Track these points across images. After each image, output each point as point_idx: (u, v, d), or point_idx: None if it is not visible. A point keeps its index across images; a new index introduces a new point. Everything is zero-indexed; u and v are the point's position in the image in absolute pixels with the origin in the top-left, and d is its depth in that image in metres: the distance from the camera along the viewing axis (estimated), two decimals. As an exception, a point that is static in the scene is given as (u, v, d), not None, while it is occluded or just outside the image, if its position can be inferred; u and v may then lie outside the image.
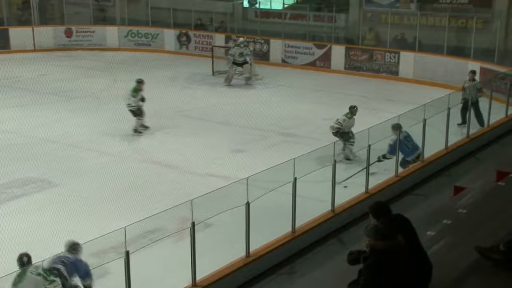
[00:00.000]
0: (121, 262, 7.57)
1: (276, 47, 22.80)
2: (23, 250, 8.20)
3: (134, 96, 14.64)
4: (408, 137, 11.56)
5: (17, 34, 24.41)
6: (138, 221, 8.00)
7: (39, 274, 7.21)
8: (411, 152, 11.63)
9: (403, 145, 11.40)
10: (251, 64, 19.98)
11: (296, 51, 22.49)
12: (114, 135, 14.62)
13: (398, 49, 20.75)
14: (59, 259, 7.64)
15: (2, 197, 11.19)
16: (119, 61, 22.66)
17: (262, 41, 23.04)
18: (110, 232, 7.44)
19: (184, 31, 24.77)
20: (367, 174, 10.77)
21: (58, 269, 7.53)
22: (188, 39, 24.70)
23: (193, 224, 7.72)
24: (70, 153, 13.58)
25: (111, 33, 25.34)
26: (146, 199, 10.68)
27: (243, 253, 8.59)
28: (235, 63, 19.73)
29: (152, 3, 25.79)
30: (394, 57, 20.69)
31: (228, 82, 19.76)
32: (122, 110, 16.15)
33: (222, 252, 8.87)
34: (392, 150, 11.44)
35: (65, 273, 7.59)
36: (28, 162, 12.77)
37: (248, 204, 8.39)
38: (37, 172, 12.21)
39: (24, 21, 25.57)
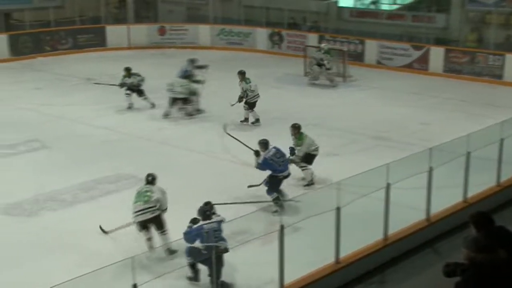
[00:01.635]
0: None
1: (371, 47, 22.24)
2: (112, 244, 8.36)
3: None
4: (278, 153, 10.65)
5: (113, 32, 25.11)
6: (225, 222, 7.92)
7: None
8: (284, 168, 10.61)
9: (271, 162, 10.50)
10: (330, 68, 19.58)
11: (392, 52, 21.86)
12: (204, 134, 14.64)
13: (503, 51, 19.71)
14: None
15: (95, 192, 11.38)
16: (210, 60, 22.83)
17: (357, 42, 22.55)
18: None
19: (276, 30, 24.65)
20: (466, 181, 10.22)
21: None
22: (281, 39, 24.56)
23: (282, 227, 7.54)
24: (161, 150, 13.69)
25: (204, 32, 25.59)
26: (234, 200, 10.54)
27: (332, 259, 8.33)
28: (318, 64, 19.44)
29: (245, 1, 25.84)
30: (499, 59, 19.67)
31: (313, 80, 19.52)
32: (212, 109, 16.22)
33: (310, 257, 8.62)
34: (263, 168, 10.57)
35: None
36: (122, 158, 12.98)
37: (338, 209, 8.11)
38: (129, 169, 12.34)
39: (120, 20, 26.25)
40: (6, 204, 10.75)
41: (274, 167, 10.50)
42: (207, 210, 8.16)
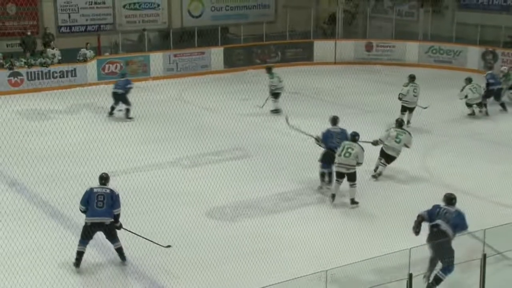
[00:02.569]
0: (403, 284, 7.27)
1: None
2: (305, 255, 8.34)
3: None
4: (341, 134, 11.81)
5: (321, 47, 25.57)
6: (424, 244, 7.62)
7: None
8: (336, 146, 11.57)
9: (329, 135, 11.86)
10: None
11: None
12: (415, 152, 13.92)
13: None
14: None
15: (294, 203, 11.60)
16: (417, 78, 22.26)
17: None
18: (394, 252, 7.19)
19: (491, 48, 23.34)
20: None
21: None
22: (495, 58, 23.19)
23: (484, 256, 7.07)
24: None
25: (411, 49, 25.07)
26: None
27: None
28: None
29: (459, 18, 24.81)
30: None
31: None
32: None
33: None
34: (322, 137, 11.98)
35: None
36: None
37: None
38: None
39: (328, 35, 26.67)
40: (210, 208, 11.33)
41: (329, 141, 11.74)
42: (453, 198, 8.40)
